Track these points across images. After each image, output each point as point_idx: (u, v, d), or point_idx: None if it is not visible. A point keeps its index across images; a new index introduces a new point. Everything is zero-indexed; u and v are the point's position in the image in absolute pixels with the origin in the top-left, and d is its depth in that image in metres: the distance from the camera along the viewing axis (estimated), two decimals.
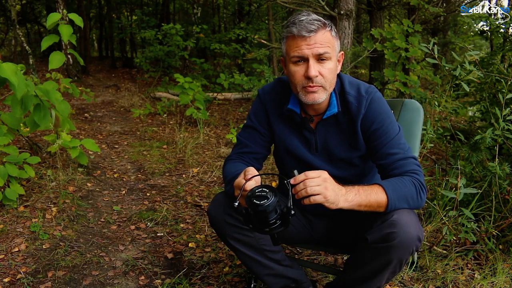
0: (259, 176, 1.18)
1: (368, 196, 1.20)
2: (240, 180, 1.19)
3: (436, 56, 2.22)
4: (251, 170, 1.19)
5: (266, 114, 1.47)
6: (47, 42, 2.61)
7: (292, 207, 1.10)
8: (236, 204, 1.13)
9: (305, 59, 1.25)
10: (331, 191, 1.13)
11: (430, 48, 2.24)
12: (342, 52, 1.37)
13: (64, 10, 2.73)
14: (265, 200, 1.07)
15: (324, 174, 1.15)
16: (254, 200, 1.08)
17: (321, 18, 1.25)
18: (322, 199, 1.12)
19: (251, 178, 1.16)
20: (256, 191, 1.11)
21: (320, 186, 1.12)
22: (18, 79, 2.18)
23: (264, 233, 1.13)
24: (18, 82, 2.18)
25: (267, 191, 1.10)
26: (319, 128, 1.41)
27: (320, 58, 1.25)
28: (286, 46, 1.29)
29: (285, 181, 1.15)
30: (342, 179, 1.24)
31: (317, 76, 1.25)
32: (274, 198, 1.08)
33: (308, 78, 1.25)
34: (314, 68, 1.24)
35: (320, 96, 1.29)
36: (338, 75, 1.40)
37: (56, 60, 2.67)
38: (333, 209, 1.16)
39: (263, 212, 1.08)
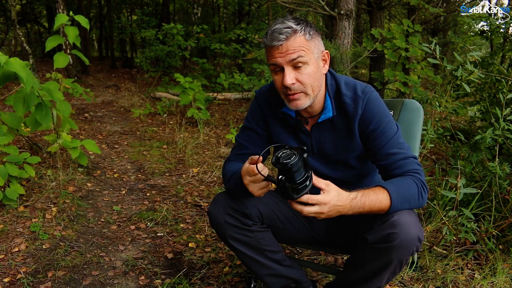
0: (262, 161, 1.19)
1: (373, 207, 1.21)
2: (247, 165, 1.20)
3: (438, 57, 2.22)
4: (255, 157, 1.20)
5: (263, 116, 1.48)
6: (51, 43, 2.63)
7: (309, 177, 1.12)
8: (262, 171, 1.14)
9: (281, 68, 1.26)
10: (335, 213, 1.18)
11: (432, 49, 2.23)
12: (327, 51, 1.35)
13: (71, 12, 2.75)
14: (293, 157, 1.08)
15: (330, 201, 1.15)
16: (284, 161, 1.08)
17: (293, 25, 1.23)
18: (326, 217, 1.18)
19: (259, 159, 1.16)
20: (281, 154, 1.10)
21: (324, 214, 1.16)
22: (26, 73, 2.21)
23: (302, 189, 1.11)
24: (26, 76, 2.21)
25: (289, 151, 1.10)
26: (314, 131, 1.41)
27: (295, 64, 1.24)
28: (266, 56, 1.31)
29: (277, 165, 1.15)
30: (341, 181, 1.23)
31: (293, 83, 1.25)
32: (299, 155, 1.09)
33: (286, 86, 1.26)
34: (290, 76, 1.24)
35: (303, 102, 1.30)
36: (334, 77, 1.39)
37: (61, 60, 2.70)
38: None
39: (294, 167, 1.07)
